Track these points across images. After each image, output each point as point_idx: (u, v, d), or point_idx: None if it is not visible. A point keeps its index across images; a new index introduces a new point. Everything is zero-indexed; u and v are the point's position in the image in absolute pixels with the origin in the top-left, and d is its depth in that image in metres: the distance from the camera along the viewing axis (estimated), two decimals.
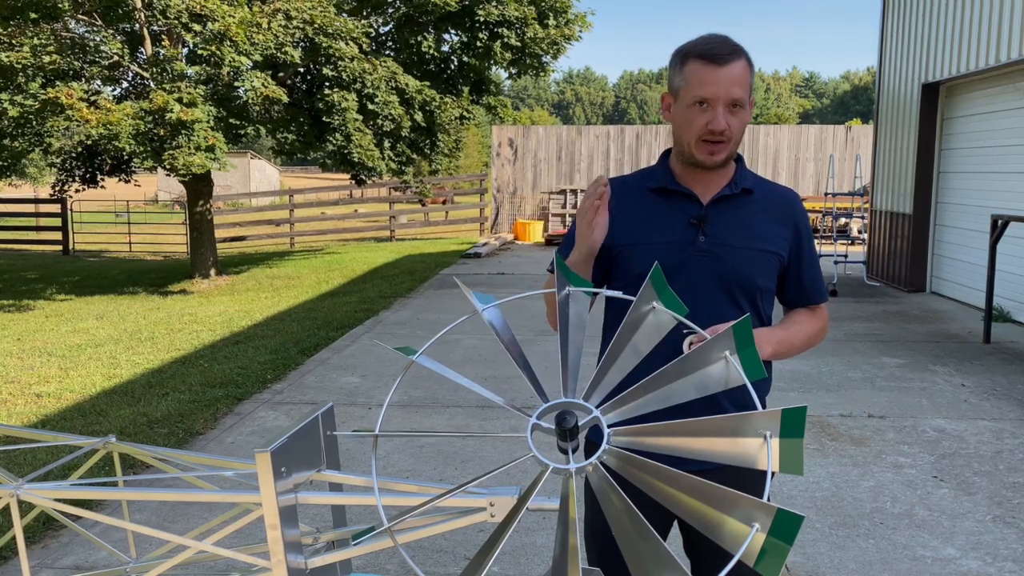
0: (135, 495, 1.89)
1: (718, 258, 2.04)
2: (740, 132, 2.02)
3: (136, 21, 12.19)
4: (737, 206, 2.09)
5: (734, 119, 1.98)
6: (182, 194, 25.84)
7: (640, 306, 1.52)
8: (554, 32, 13.94)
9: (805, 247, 2.17)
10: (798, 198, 2.21)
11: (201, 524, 2.20)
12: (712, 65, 1.95)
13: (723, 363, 1.39)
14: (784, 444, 1.31)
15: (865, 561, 3.87)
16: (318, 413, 1.81)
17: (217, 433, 5.84)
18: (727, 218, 2.07)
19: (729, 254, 2.05)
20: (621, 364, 1.51)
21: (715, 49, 1.96)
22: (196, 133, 10.94)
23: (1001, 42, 9.40)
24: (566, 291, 1.63)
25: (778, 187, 2.22)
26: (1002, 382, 6.92)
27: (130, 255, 21.16)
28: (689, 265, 2.06)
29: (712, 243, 2.05)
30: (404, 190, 16.49)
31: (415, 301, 11.40)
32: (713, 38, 2.00)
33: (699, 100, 1.97)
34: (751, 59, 2.03)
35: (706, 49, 1.97)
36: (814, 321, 2.22)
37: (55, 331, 9.87)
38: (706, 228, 2.06)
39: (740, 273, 2.05)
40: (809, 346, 2.20)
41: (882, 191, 12.88)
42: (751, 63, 2.03)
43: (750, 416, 1.30)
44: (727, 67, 1.95)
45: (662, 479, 1.30)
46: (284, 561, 1.61)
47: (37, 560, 3.96)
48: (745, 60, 1.99)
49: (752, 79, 2.03)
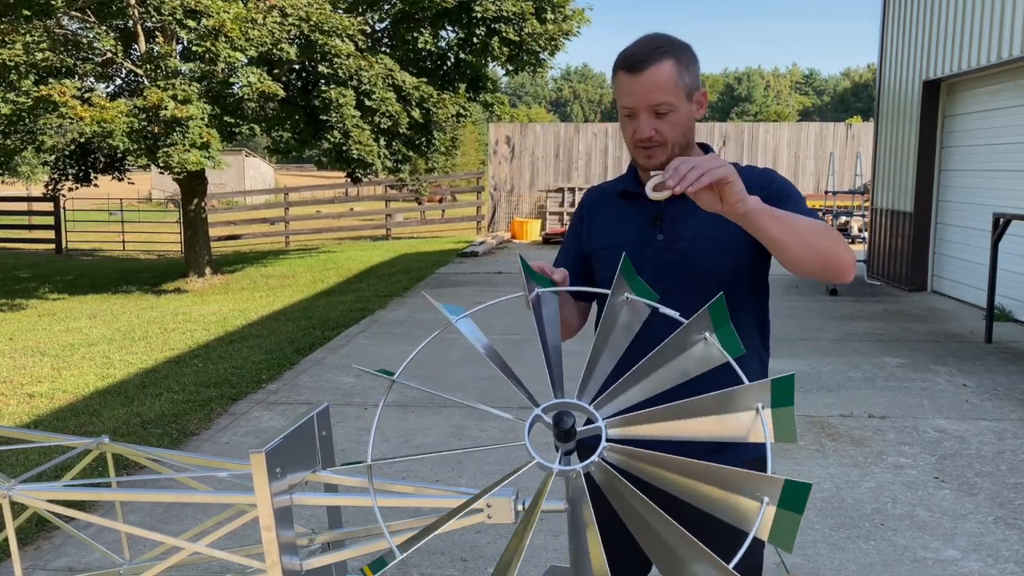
0: (128, 496, 1.88)
1: (677, 253, 2.04)
2: (675, 132, 2.00)
3: (130, 17, 12.15)
4: None
5: (662, 123, 1.97)
6: (176, 192, 25.75)
7: (614, 298, 1.58)
8: (552, 28, 13.92)
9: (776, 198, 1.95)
10: (770, 172, 2.10)
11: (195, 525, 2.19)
12: (629, 74, 1.96)
13: (703, 344, 1.43)
14: (776, 414, 1.33)
15: (866, 563, 3.84)
16: (313, 413, 1.81)
17: (211, 433, 5.80)
18: (684, 212, 2.03)
19: (688, 248, 2.04)
20: (606, 359, 1.54)
21: (631, 57, 1.96)
22: (191, 130, 10.90)
23: (1003, 39, 9.37)
24: (535, 293, 1.68)
25: (751, 170, 2.10)
26: (1004, 382, 6.88)
27: (124, 254, 21.13)
28: (651, 263, 2.07)
29: (669, 239, 2.06)
30: (400, 188, 16.46)
31: (411, 300, 11.36)
32: (638, 43, 2.00)
33: (625, 110, 2.01)
34: (682, 55, 1.99)
35: (625, 58, 1.98)
36: None
37: (48, 330, 9.83)
38: (663, 226, 2.07)
39: (701, 264, 2.03)
40: (830, 235, 1.81)
41: (883, 189, 12.86)
42: (682, 59, 1.98)
43: (740, 390, 1.33)
44: (644, 74, 1.94)
45: (667, 467, 1.33)
46: (279, 563, 1.61)
47: (30, 562, 3.92)
48: (671, 60, 1.96)
49: (685, 76, 1.98)
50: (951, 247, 11.19)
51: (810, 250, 1.77)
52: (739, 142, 21.44)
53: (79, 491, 1.86)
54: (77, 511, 1.86)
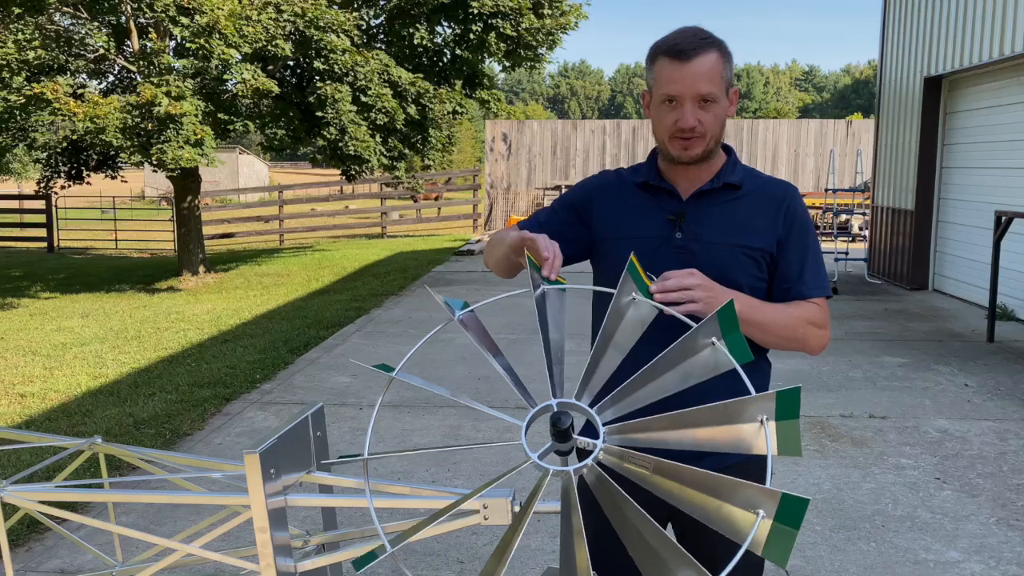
0: (121, 497, 1.93)
1: (694, 255, 2.01)
2: (716, 125, 2.00)
3: (122, 13, 12.11)
4: (719, 201, 2.06)
5: (706, 114, 1.97)
6: (169, 190, 25.69)
7: (620, 298, 1.55)
8: (549, 23, 13.88)
9: (793, 239, 2.05)
10: (792, 192, 2.11)
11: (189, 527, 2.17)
12: (677, 61, 1.94)
13: (711, 349, 1.42)
14: (781, 427, 1.31)
15: (866, 565, 3.83)
16: (308, 414, 1.82)
17: (205, 434, 5.78)
18: (707, 213, 2.04)
19: (705, 250, 2.01)
20: (608, 360, 1.53)
21: (680, 44, 1.95)
22: (184, 127, 10.86)
23: (1005, 35, 9.33)
24: (540, 290, 1.64)
25: (773, 181, 2.13)
26: (1006, 382, 6.87)
27: (116, 252, 21.08)
28: (665, 261, 2.01)
29: (688, 239, 2.03)
30: (396, 186, 16.41)
31: (407, 299, 11.33)
32: (681, 32, 1.99)
33: (667, 98, 1.97)
34: (725, 49, 2.00)
35: (672, 45, 1.96)
36: (800, 308, 2.01)
37: (39, 330, 9.78)
38: (683, 224, 2.04)
39: (716, 270, 1.98)
40: (794, 335, 1.98)
41: (883, 187, 12.84)
42: (725, 53, 1.99)
43: (745, 401, 1.31)
44: (693, 62, 1.93)
45: (663, 473, 1.32)
46: (273, 564, 1.62)
47: (21, 564, 3.90)
48: (716, 52, 1.96)
49: (726, 70, 1.99)
50: (953, 245, 11.15)
51: (782, 342, 1.99)
52: (738, 139, 21.40)
53: (71, 492, 1.87)
54: (69, 512, 1.87)
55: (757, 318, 1.90)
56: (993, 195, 9.97)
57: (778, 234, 2.03)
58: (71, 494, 1.87)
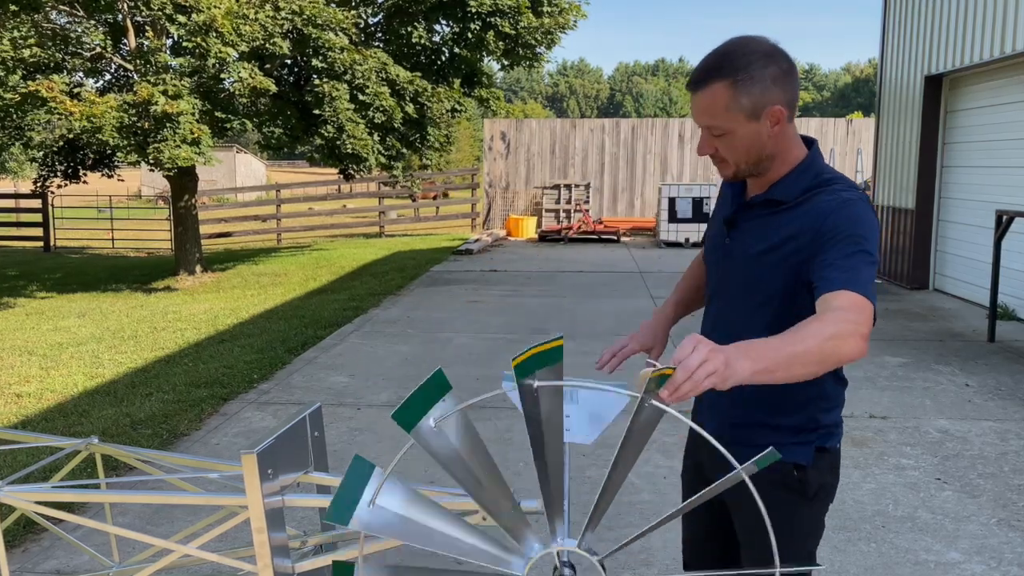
0: (118, 497, 1.88)
1: (736, 263, 2.07)
2: (735, 153, 1.97)
3: (119, 12, 12.06)
4: (762, 214, 2.05)
5: (720, 143, 1.96)
6: (166, 189, 25.63)
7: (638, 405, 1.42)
8: (548, 21, 13.85)
9: (827, 247, 1.86)
10: (835, 208, 1.90)
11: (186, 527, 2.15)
12: (689, 93, 1.96)
13: None
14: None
15: (867, 565, 3.80)
16: (305, 414, 1.82)
17: (202, 434, 5.74)
18: (749, 224, 2.06)
19: (745, 262, 2.05)
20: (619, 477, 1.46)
21: (691, 76, 1.95)
22: (181, 126, 10.83)
23: (1006, 33, 9.29)
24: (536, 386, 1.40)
25: (826, 199, 1.94)
26: (1007, 382, 6.84)
27: (113, 252, 21.06)
28: (719, 263, 2.13)
29: (733, 244, 2.08)
30: (394, 185, 16.38)
31: (405, 299, 11.29)
32: (706, 57, 1.95)
33: None
34: (742, 76, 1.88)
35: (692, 71, 1.97)
36: (819, 321, 1.70)
37: (36, 329, 9.74)
38: (732, 232, 2.09)
39: (753, 279, 2.03)
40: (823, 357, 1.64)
41: (884, 186, 12.81)
42: (738, 81, 1.88)
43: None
44: (697, 95, 1.94)
45: None
46: (271, 565, 1.62)
47: (17, 564, 3.87)
48: (723, 83, 1.88)
49: (738, 99, 1.89)
50: (953, 244, 11.12)
51: (812, 369, 1.65)
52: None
53: (68, 492, 1.85)
54: (66, 513, 1.87)
55: (768, 364, 1.57)
56: (994, 194, 9.93)
57: (811, 250, 1.89)
58: (68, 494, 1.86)
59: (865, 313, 1.72)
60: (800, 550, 2.06)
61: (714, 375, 1.44)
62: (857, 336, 1.68)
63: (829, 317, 1.70)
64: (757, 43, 1.92)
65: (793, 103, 1.95)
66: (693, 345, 1.45)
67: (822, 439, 2.05)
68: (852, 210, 1.88)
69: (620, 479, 1.44)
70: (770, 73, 1.88)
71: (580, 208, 20.88)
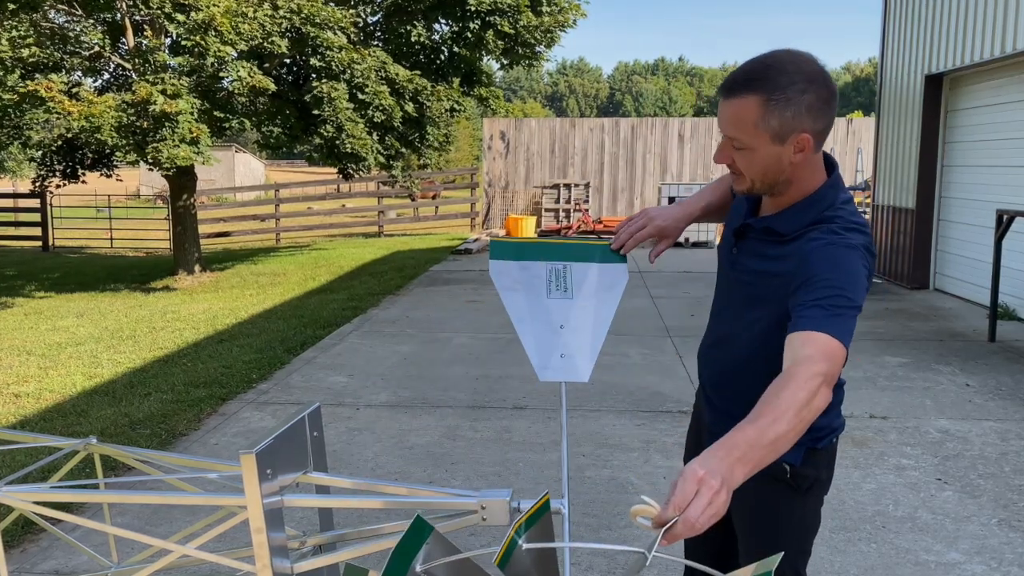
0: (117, 498, 1.89)
1: (741, 274, 2.09)
2: (753, 171, 1.91)
3: (118, 11, 12.04)
4: (762, 236, 2.05)
5: (739, 155, 1.90)
6: (164, 189, 25.61)
7: None
8: (547, 20, 13.83)
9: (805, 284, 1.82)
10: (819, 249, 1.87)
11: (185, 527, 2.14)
12: (721, 96, 1.91)
13: None
14: None
15: (867, 566, 3.80)
16: (304, 414, 1.81)
17: (201, 434, 5.72)
18: (754, 242, 2.07)
19: (748, 275, 2.07)
20: None
21: (729, 78, 1.89)
22: (180, 125, 10.82)
23: (1007, 32, 9.27)
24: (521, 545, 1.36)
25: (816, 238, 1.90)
26: (1007, 382, 6.82)
27: (111, 251, 21.07)
28: (726, 273, 2.16)
29: (740, 255, 2.10)
30: (393, 184, 16.38)
31: (404, 298, 11.27)
32: (744, 65, 1.89)
33: None
34: (781, 93, 1.80)
35: (728, 75, 1.90)
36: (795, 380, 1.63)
37: (34, 329, 9.72)
38: (739, 243, 2.10)
39: (756, 292, 2.04)
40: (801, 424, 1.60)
41: (884, 185, 12.79)
42: (775, 98, 1.81)
43: None
44: (728, 101, 1.87)
45: None
46: (270, 566, 1.61)
47: (16, 565, 3.86)
48: (757, 97, 1.81)
49: (769, 118, 1.82)
50: (954, 244, 11.10)
51: (794, 440, 1.60)
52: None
53: (66, 492, 1.83)
54: (64, 513, 1.86)
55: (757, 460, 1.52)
56: (994, 193, 9.91)
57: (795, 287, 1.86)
58: (66, 495, 1.84)
59: (834, 360, 1.69)
60: (796, 544, 2.09)
61: (715, 516, 1.40)
62: (825, 389, 1.65)
63: (799, 376, 1.63)
64: (803, 63, 1.84)
65: (824, 133, 1.88)
66: (695, 489, 1.38)
67: (813, 441, 2.05)
68: (834, 253, 1.84)
69: None
70: (807, 100, 1.81)
71: (579, 207, 20.86)
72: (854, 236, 1.88)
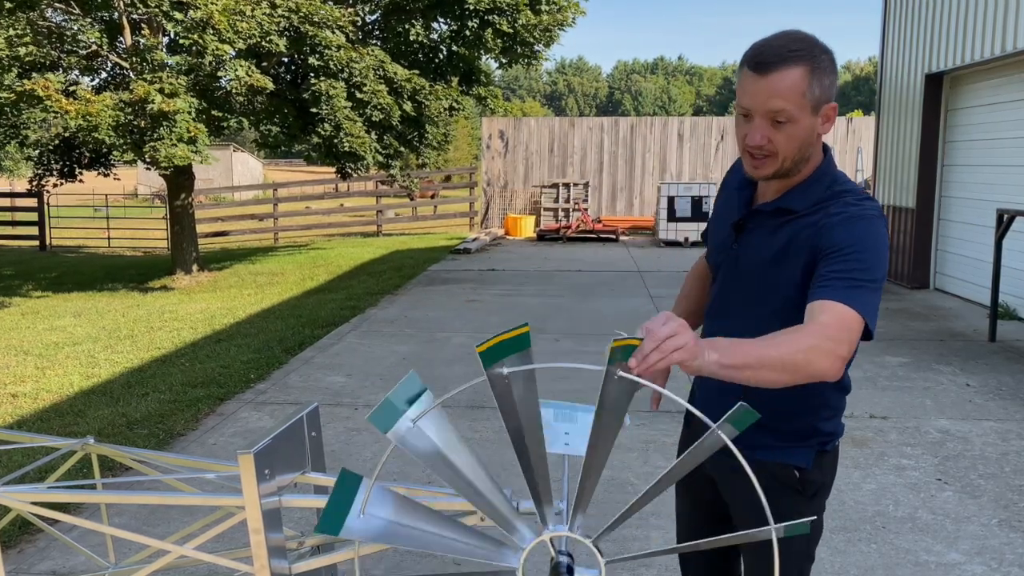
0: (114, 498, 1.89)
1: (742, 269, 2.04)
2: (790, 146, 1.88)
3: (115, 9, 12.01)
4: (770, 223, 2.01)
5: (777, 133, 1.86)
6: (162, 188, 25.62)
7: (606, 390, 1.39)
8: (546, 19, 13.81)
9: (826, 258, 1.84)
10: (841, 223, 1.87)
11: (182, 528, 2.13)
12: (754, 73, 1.84)
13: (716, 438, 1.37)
14: None
15: (867, 566, 3.80)
16: (303, 414, 1.82)
17: (199, 434, 5.72)
18: (757, 231, 2.02)
19: (751, 268, 2.02)
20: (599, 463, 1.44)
21: (763, 55, 1.84)
22: (178, 124, 10.80)
23: (1007, 31, 9.27)
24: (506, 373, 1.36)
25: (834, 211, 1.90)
26: (1008, 382, 6.82)
27: (109, 251, 21.05)
28: (725, 269, 2.09)
29: (743, 249, 2.04)
30: (391, 184, 16.36)
31: (403, 298, 11.25)
32: (771, 40, 1.87)
33: (743, 110, 1.89)
34: (819, 63, 1.84)
35: (756, 54, 1.85)
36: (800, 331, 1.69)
37: (31, 329, 9.70)
38: (740, 237, 2.05)
39: (758, 286, 2.01)
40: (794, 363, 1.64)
41: (884, 185, 12.80)
42: (817, 68, 1.84)
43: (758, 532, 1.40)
44: (769, 76, 1.82)
45: None
46: (268, 566, 1.62)
47: (13, 565, 3.86)
48: (803, 67, 1.82)
49: (814, 87, 1.84)
50: (954, 244, 11.10)
51: (781, 377, 1.65)
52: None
53: (63, 493, 1.84)
54: (61, 513, 1.87)
55: (736, 360, 1.58)
56: (995, 193, 9.91)
57: (815, 263, 1.87)
58: (63, 495, 1.85)
59: (849, 332, 1.72)
60: (801, 549, 2.07)
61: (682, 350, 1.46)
62: (834, 356, 1.68)
63: (809, 329, 1.69)
64: (811, 36, 1.88)
65: None
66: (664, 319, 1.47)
67: (823, 444, 2.06)
68: (857, 224, 1.86)
69: (601, 459, 1.41)
70: (832, 70, 1.87)
71: (579, 207, 20.84)
72: (870, 206, 1.91)
